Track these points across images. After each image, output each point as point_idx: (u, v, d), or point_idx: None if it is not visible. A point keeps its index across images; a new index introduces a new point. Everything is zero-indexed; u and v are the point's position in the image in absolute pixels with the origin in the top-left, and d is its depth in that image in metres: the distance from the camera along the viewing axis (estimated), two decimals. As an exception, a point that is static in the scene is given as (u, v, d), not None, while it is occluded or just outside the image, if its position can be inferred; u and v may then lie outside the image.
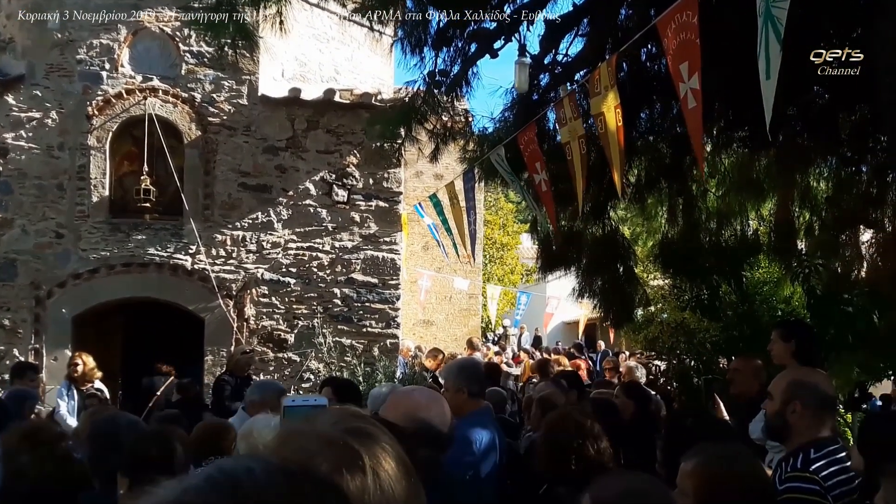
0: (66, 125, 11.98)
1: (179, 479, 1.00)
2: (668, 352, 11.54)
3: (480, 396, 4.95)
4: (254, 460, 1.05)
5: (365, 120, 11.75)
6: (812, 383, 3.75)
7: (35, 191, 11.94)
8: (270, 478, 1.00)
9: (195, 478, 0.99)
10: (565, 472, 3.95)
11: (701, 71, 4.07)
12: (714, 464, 2.86)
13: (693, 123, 4.30)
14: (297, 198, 12.28)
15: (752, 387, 6.29)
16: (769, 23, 3.60)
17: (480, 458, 4.52)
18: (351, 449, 1.45)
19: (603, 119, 5.38)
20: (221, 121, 12.16)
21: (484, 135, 9.16)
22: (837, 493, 3.45)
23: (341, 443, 1.47)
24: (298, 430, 1.54)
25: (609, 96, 5.29)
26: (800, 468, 3.54)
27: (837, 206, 8.32)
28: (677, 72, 4.28)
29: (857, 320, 8.85)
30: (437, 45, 7.81)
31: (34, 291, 11.85)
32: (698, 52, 4.07)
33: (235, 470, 1.01)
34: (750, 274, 10.02)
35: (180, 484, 0.98)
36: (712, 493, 2.75)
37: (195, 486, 0.97)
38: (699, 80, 4.08)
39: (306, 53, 13.22)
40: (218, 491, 0.96)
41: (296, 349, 12.20)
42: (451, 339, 20.57)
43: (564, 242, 9.31)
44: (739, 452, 2.98)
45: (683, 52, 4.21)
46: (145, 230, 12.02)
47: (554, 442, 4.11)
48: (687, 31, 4.16)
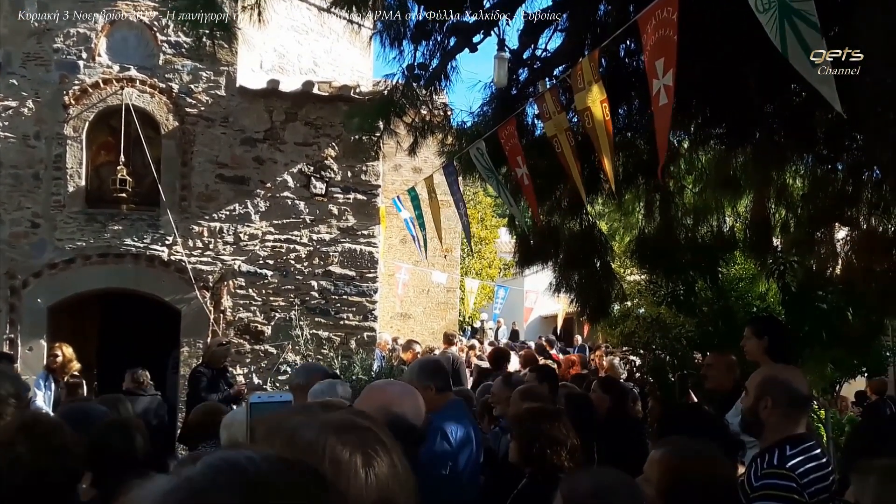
0: (43, 114, 11.89)
1: (177, 470, 1.00)
2: (644, 347, 11.59)
3: (447, 391, 4.99)
4: (250, 451, 1.05)
5: (343, 112, 11.74)
6: (785, 380, 3.78)
7: (11, 180, 11.85)
8: (272, 467, 1.01)
9: (196, 468, 0.99)
10: (539, 466, 3.97)
11: (676, 68, 4.07)
12: (678, 455, 2.94)
13: (662, 120, 4.29)
14: (274, 190, 12.25)
15: (725, 382, 6.34)
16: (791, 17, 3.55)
17: (457, 449, 4.55)
18: (368, 432, 1.46)
19: (589, 113, 5.39)
20: (199, 112, 12.10)
21: (462, 129, 9.16)
22: (813, 491, 3.47)
23: (352, 427, 1.47)
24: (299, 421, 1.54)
25: (594, 90, 5.30)
26: (776, 465, 3.56)
27: (813, 203, 8.36)
28: (652, 68, 4.28)
29: (831, 317, 8.91)
30: (417, 38, 7.80)
31: (9, 281, 11.77)
32: (675, 49, 4.07)
33: (237, 459, 1.00)
34: (725, 270, 10.07)
35: (181, 473, 0.98)
36: (674, 482, 2.82)
37: (199, 473, 0.97)
38: (673, 77, 4.07)
39: (285, 45, 13.18)
40: (224, 478, 0.96)
41: (273, 341, 12.17)
42: (429, 333, 20.59)
43: (542, 237, 9.33)
44: (705, 447, 3.03)
45: (660, 49, 4.20)
46: (122, 221, 11.95)
47: (527, 436, 4.13)
48: (666, 28, 4.16)
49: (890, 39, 4.36)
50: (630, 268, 11.90)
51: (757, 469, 3.63)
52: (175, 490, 0.94)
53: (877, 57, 4.50)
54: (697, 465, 2.89)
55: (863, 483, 2.79)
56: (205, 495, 0.93)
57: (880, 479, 2.75)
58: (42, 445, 2.92)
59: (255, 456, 1.02)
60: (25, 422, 3.11)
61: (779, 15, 3.58)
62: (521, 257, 9.88)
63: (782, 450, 3.62)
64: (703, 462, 2.91)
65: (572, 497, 2.60)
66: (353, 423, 1.50)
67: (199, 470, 0.98)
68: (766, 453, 3.68)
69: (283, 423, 1.56)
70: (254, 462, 1.00)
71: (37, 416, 3.49)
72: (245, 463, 0.99)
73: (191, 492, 0.94)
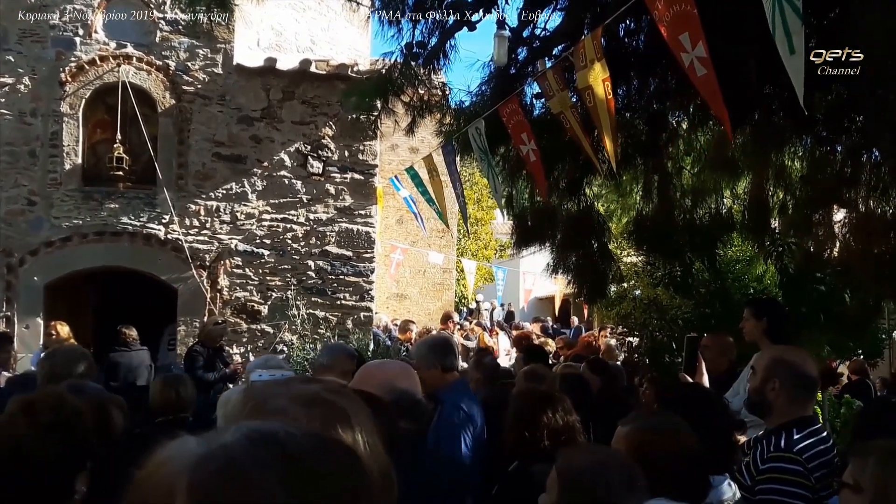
0: (39, 91, 11.85)
1: (207, 437, 0.98)
2: (641, 328, 11.59)
3: (454, 370, 4.99)
4: (287, 425, 1.04)
5: (341, 91, 11.68)
6: (793, 362, 3.75)
7: (7, 157, 11.82)
8: (309, 443, 0.99)
9: (232, 437, 0.97)
10: (535, 448, 3.96)
11: (706, 39, 4.07)
12: (643, 429, 3.01)
13: (708, 90, 4.25)
14: (271, 169, 12.23)
15: (720, 363, 6.35)
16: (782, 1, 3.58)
17: (469, 420, 4.57)
18: (336, 406, 1.45)
19: (591, 91, 5.37)
20: (196, 89, 12.06)
21: (461, 108, 9.13)
22: (819, 475, 3.47)
23: (325, 400, 1.47)
24: (273, 392, 1.54)
25: (596, 67, 5.29)
26: (783, 448, 3.55)
27: (812, 185, 8.34)
28: (676, 43, 4.26)
29: (828, 299, 8.91)
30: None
31: (6, 259, 11.76)
32: (698, 22, 4.08)
33: (275, 432, 0.99)
34: (723, 252, 10.05)
35: (215, 440, 0.96)
36: (639, 456, 2.83)
37: (236, 442, 0.95)
38: (705, 48, 4.08)
39: (282, 23, 13.13)
40: (263, 448, 0.94)
41: (269, 321, 12.18)
42: (425, 314, 20.59)
43: (539, 218, 9.31)
44: (669, 421, 3.09)
45: (682, 23, 4.20)
46: (118, 199, 11.93)
47: (521, 417, 4.11)
48: (681, 3, 4.16)
49: (889, 22, 4.34)
50: (627, 249, 11.88)
51: (763, 451, 3.61)
52: (211, 458, 0.93)
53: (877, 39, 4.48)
54: (661, 437, 2.95)
55: (861, 464, 2.79)
56: (243, 467, 0.91)
57: (879, 460, 2.74)
58: (45, 422, 2.90)
59: (293, 430, 1.01)
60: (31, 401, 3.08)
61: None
62: (518, 238, 9.85)
63: (789, 432, 3.60)
64: (666, 435, 2.97)
65: (568, 473, 2.61)
66: (322, 397, 1.49)
67: (237, 440, 0.96)
68: (771, 435, 3.67)
69: (256, 393, 1.56)
70: (292, 437, 0.98)
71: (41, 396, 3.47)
72: (283, 437, 0.98)
73: (229, 461, 0.92)
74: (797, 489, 3.38)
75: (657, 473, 2.75)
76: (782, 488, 3.39)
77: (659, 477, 2.74)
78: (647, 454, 2.82)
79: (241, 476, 0.90)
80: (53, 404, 3.04)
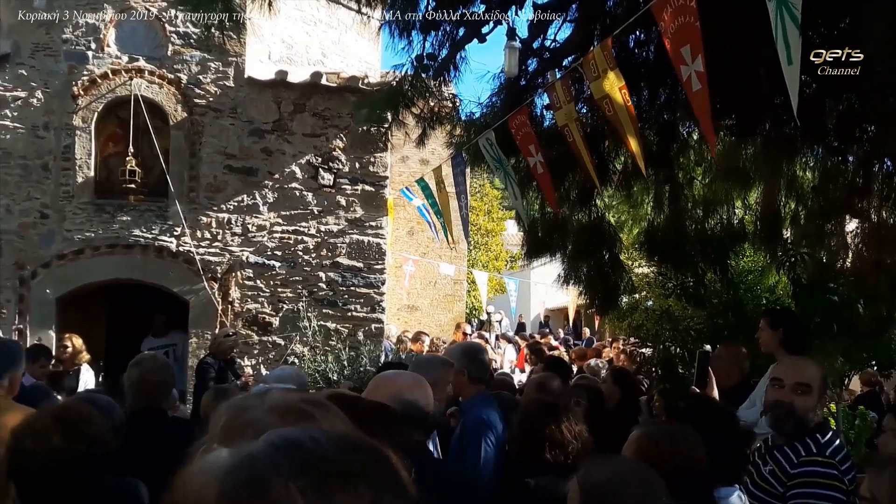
0: (52, 105, 11.91)
1: (237, 447, 1.00)
2: (653, 339, 11.55)
3: (481, 382, 5.01)
4: (315, 430, 1.05)
5: (352, 103, 11.71)
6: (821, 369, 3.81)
7: (20, 170, 11.87)
8: (337, 446, 1.00)
9: (258, 445, 0.98)
10: (540, 460, 3.94)
11: (704, 53, 4.09)
12: (650, 437, 3.06)
13: (700, 106, 4.31)
14: (282, 181, 12.25)
15: (732, 373, 6.32)
16: (783, 8, 3.61)
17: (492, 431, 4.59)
18: (312, 417, 1.45)
19: (610, 100, 5.40)
20: (207, 102, 12.10)
21: (471, 120, 9.14)
22: (851, 477, 3.48)
23: (301, 410, 1.46)
24: (248, 403, 1.54)
25: (611, 76, 5.33)
26: (816, 452, 3.56)
27: (823, 195, 8.33)
28: (678, 55, 4.29)
29: (841, 310, 8.87)
30: (426, 28, 7.79)
31: (18, 272, 11.80)
32: (699, 35, 4.11)
33: (300, 438, 1.00)
34: (735, 262, 10.01)
35: (239, 451, 0.98)
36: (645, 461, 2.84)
37: (261, 451, 0.96)
38: (703, 62, 4.11)
39: (293, 36, 13.17)
40: (286, 457, 0.95)
41: (280, 333, 12.18)
42: (436, 325, 20.56)
43: (550, 229, 9.31)
44: (677, 429, 3.13)
45: (684, 35, 4.24)
46: (130, 211, 11.96)
47: (529, 429, 4.09)
48: (686, 15, 4.20)
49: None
50: (639, 260, 11.86)
51: (791, 457, 3.61)
52: (237, 468, 0.94)
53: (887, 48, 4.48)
54: (666, 445, 2.98)
55: (878, 477, 2.78)
56: (267, 474, 0.93)
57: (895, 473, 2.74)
58: (77, 433, 2.94)
59: (319, 435, 1.01)
60: (59, 410, 3.13)
61: (776, 3, 3.64)
62: (528, 249, 9.85)
63: (814, 438, 3.62)
64: (671, 442, 3.00)
65: (588, 485, 2.59)
66: (298, 407, 1.49)
67: (262, 448, 0.97)
68: (795, 442, 3.67)
69: (235, 403, 1.57)
70: (317, 441, 0.99)
71: (69, 405, 3.51)
72: (308, 442, 0.99)
73: (252, 471, 0.94)
74: (834, 493, 3.38)
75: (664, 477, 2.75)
76: (820, 492, 3.40)
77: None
78: (651, 461, 2.82)
79: (264, 483, 0.91)
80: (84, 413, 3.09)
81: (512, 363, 17.22)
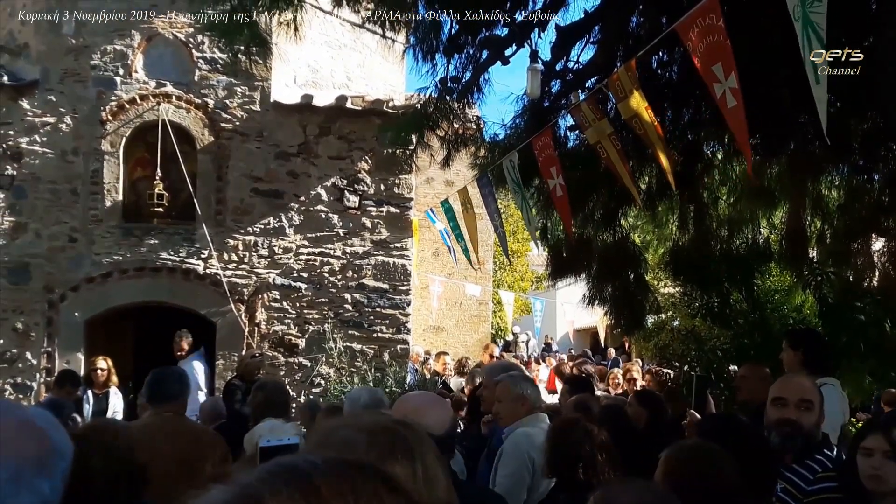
0: (80, 130, 12.05)
1: (234, 479, 0.98)
2: (679, 359, 11.52)
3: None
4: (308, 454, 1.05)
5: (377, 126, 11.81)
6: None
7: (49, 195, 12.01)
8: (333, 469, 1.00)
9: (253, 474, 0.98)
10: (571, 479, 3.96)
11: (737, 70, 4.11)
12: (679, 456, 3.04)
13: (736, 122, 4.31)
14: (308, 203, 12.33)
15: (759, 394, 6.29)
16: (808, 27, 3.62)
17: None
18: (399, 435, 1.49)
19: (639, 118, 5.44)
20: (234, 126, 12.21)
21: (495, 141, 9.18)
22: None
23: (390, 430, 1.51)
24: (342, 423, 1.59)
25: (636, 96, 5.37)
26: (831, 468, 3.57)
27: (849, 214, 8.30)
28: (710, 73, 4.31)
29: (868, 329, 8.82)
30: (449, 51, 7.84)
31: (47, 295, 11.92)
32: (731, 53, 4.12)
33: (295, 462, 1.00)
34: (761, 282, 9.99)
35: (237, 482, 0.97)
36: (673, 481, 2.88)
37: (256, 479, 0.96)
38: (737, 79, 4.13)
39: (318, 60, 13.27)
40: (281, 482, 0.95)
41: (306, 354, 12.22)
42: (462, 346, 20.55)
43: (575, 249, 9.31)
44: (707, 448, 3.11)
45: (714, 54, 4.26)
46: (158, 235, 12.07)
47: (560, 448, 4.11)
48: (714, 34, 4.22)
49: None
50: (664, 280, 11.84)
51: (806, 475, 3.62)
52: (232, 499, 0.93)
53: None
54: (695, 463, 2.98)
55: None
56: (261, 493, 0.92)
57: None
58: (114, 455, 2.98)
59: (314, 458, 1.01)
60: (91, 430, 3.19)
61: (802, 23, 3.67)
62: (553, 269, 9.86)
63: (823, 454, 3.63)
64: (700, 460, 3.00)
65: None
66: (388, 427, 1.53)
67: (257, 476, 0.97)
68: (806, 460, 3.67)
69: (326, 424, 1.62)
70: (313, 464, 0.99)
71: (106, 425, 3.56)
72: (304, 466, 0.99)
73: (248, 499, 0.93)
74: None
75: (692, 498, 2.75)
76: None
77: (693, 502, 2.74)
78: (681, 482, 2.83)
79: (258, 500, 0.91)
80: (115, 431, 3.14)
81: (544, 383, 17.18)
